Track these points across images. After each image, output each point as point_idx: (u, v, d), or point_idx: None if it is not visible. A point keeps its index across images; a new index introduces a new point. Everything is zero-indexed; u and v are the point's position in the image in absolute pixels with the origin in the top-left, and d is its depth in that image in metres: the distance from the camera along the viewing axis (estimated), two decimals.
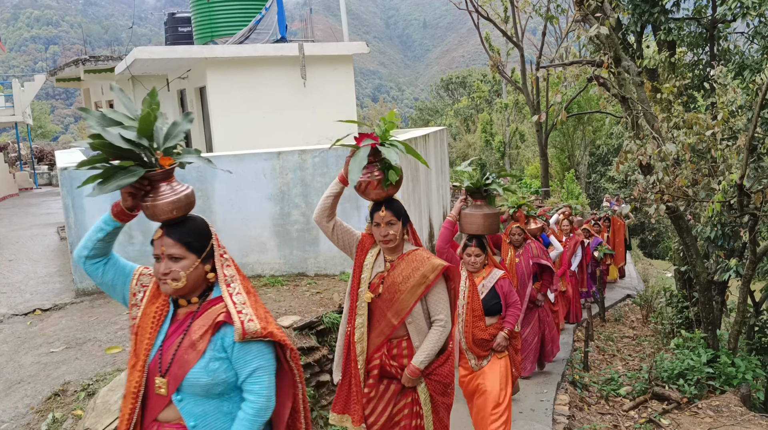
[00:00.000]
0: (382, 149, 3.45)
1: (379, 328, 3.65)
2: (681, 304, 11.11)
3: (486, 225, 4.71)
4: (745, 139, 6.96)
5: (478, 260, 5.01)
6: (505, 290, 5.08)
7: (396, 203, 3.61)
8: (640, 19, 11.60)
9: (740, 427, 6.54)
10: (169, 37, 15.25)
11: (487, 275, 5.07)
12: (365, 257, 3.71)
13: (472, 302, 4.97)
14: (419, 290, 3.55)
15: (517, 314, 5.18)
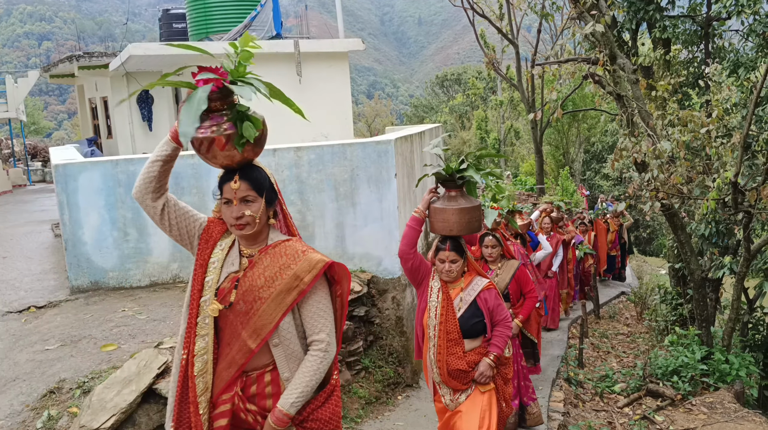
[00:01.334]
0: (235, 89, 2.48)
1: (230, 355, 2.59)
2: (675, 301, 11.15)
3: (463, 223, 3.88)
4: (740, 137, 6.99)
5: (454, 267, 4.04)
6: (490, 304, 4.10)
7: (256, 171, 2.60)
8: (636, 16, 11.62)
9: (734, 423, 6.57)
10: (163, 33, 15.20)
11: (466, 286, 4.09)
12: (212, 250, 2.69)
13: (446, 322, 3.98)
14: (289, 298, 2.55)
15: (507, 334, 4.19)
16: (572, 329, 10.81)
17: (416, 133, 8.95)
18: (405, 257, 4.13)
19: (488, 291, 4.13)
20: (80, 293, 6.77)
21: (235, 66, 2.52)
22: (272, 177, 2.67)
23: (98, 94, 16.05)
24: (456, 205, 3.88)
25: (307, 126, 11.40)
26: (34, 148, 27.04)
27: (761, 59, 9.98)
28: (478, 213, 3.99)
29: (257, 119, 2.55)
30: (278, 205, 2.73)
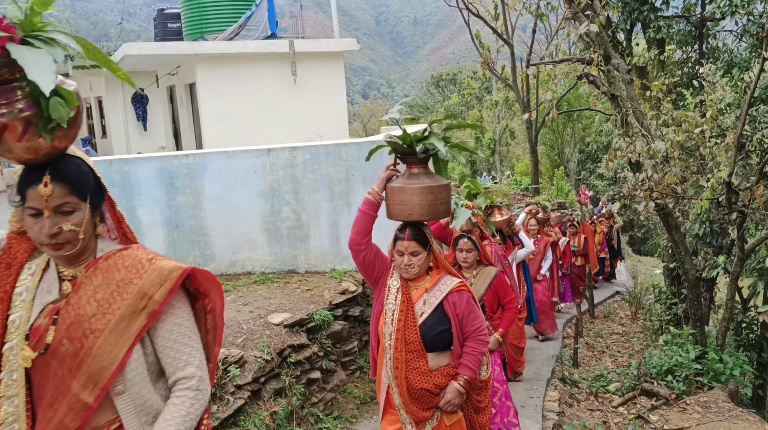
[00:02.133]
0: (18, 54, 1.66)
1: (55, 419, 1.83)
2: (670, 300, 11.18)
3: (425, 205, 3.20)
4: (734, 137, 7.00)
5: (415, 261, 3.31)
6: (460, 310, 3.34)
7: (74, 166, 1.89)
8: (630, 17, 11.64)
9: (728, 423, 6.59)
10: (158, 33, 15.18)
11: (432, 286, 3.36)
12: (16, 278, 1.98)
13: (404, 329, 3.28)
14: (135, 325, 1.86)
15: (481, 351, 3.42)
16: (567, 328, 10.83)
17: None
18: (355, 249, 3.42)
19: (458, 294, 3.36)
20: None
21: (26, 15, 1.75)
22: (95, 168, 1.97)
23: (93, 94, 16.02)
24: (417, 183, 3.20)
25: (302, 126, 11.42)
26: None
27: (755, 59, 10.01)
28: (445, 194, 3.26)
29: (69, 92, 1.79)
30: (107, 205, 2.05)
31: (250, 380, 4.87)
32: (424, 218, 3.26)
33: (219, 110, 11.09)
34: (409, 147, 3.25)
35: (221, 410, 4.63)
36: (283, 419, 4.95)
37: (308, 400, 5.47)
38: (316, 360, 5.72)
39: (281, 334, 5.48)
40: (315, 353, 5.70)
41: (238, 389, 4.83)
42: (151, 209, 6.97)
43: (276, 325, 5.54)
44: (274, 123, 11.30)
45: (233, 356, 4.96)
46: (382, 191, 3.35)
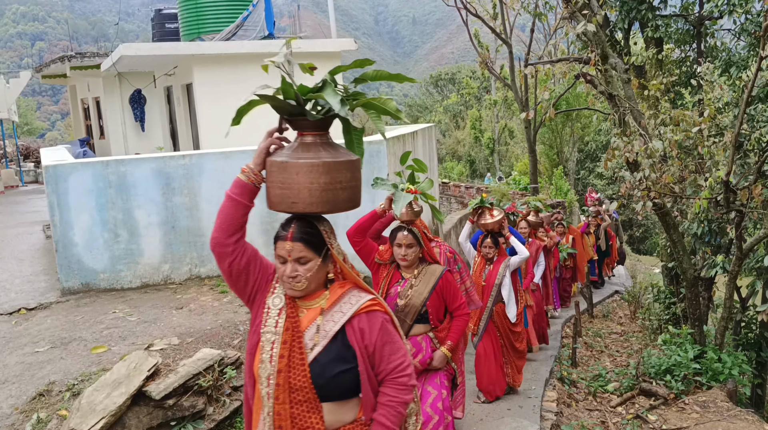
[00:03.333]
0: None
1: None
2: (668, 300, 11.17)
3: (318, 189, 2.27)
4: (732, 136, 6.99)
5: (303, 271, 2.35)
6: (371, 339, 2.38)
7: None
8: (628, 16, 11.64)
9: (726, 422, 6.57)
10: (156, 33, 15.16)
11: (330, 306, 2.41)
12: None
13: (288, 370, 2.30)
14: None
15: (404, 399, 2.42)
16: (566, 328, 10.82)
17: (409, 133, 8.94)
18: (218, 251, 2.41)
19: (368, 316, 2.40)
20: (71, 294, 6.73)
21: None
22: None
23: (90, 95, 16.00)
24: (307, 158, 2.28)
25: None
26: (27, 148, 26.94)
27: (753, 58, 10.00)
28: (349, 175, 2.33)
29: None
30: None
31: None
32: (316, 208, 2.29)
33: (216, 111, 11.05)
34: (298, 105, 2.34)
35: (217, 411, 4.63)
36: None
37: None
38: None
39: None
40: None
41: (234, 391, 4.82)
42: (148, 210, 6.95)
43: None
44: (272, 123, 11.26)
45: (230, 357, 4.96)
46: (260, 168, 2.43)
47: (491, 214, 6.39)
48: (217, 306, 6.19)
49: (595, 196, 17.71)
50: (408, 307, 4.21)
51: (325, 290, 2.45)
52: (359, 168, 2.41)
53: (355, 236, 4.35)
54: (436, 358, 4.28)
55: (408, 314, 4.22)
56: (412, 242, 4.19)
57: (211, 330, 5.43)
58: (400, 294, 4.26)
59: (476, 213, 6.43)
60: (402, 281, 4.29)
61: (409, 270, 4.30)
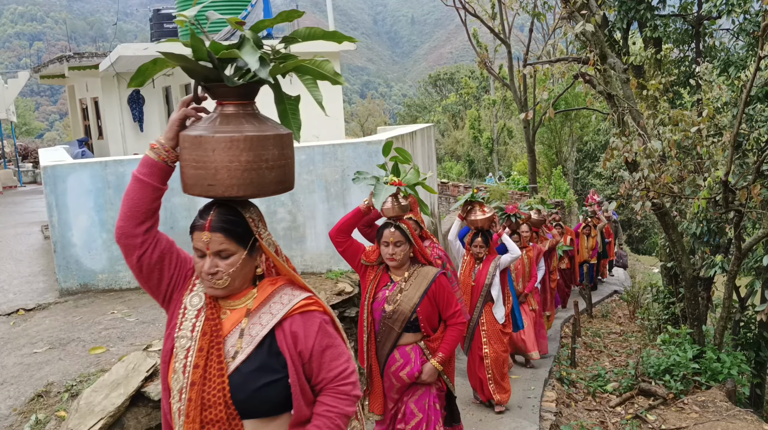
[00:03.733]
0: None
1: None
2: (667, 300, 11.17)
3: (239, 169, 1.91)
4: (730, 136, 7.00)
5: (225, 266, 2.01)
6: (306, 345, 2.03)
7: None
8: (627, 15, 11.65)
9: (725, 422, 6.58)
10: (154, 33, 15.14)
11: (258, 307, 2.07)
12: None
13: (203, 382, 1.96)
14: None
15: (344, 410, 2.06)
16: (565, 328, 10.82)
17: (407, 133, 8.93)
18: (126, 244, 2.06)
19: (303, 318, 2.03)
20: (69, 295, 6.72)
21: None
22: None
23: (89, 95, 15.98)
24: (229, 131, 1.91)
25: None
26: (25, 149, 26.91)
27: (751, 58, 10.00)
28: (277, 152, 1.96)
29: None
30: None
31: None
32: (237, 191, 1.91)
33: None
34: (213, 68, 1.93)
35: None
36: None
37: None
38: None
39: None
40: None
41: None
42: None
43: None
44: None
45: None
46: (171, 143, 2.04)
47: (482, 210, 6.04)
48: None
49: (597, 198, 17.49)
50: (396, 313, 3.84)
51: (252, 288, 2.10)
52: (291, 144, 2.07)
53: (338, 237, 4.02)
54: (425, 371, 3.89)
55: (396, 321, 3.85)
56: (401, 239, 3.81)
57: None
58: (388, 299, 3.88)
59: (466, 209, 6.12)
60: (391, 285, 3.92)
61: (399, 272, 3.93)
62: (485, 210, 6.03)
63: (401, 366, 3.92)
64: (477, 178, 34.49)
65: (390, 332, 3.89)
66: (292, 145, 2.09)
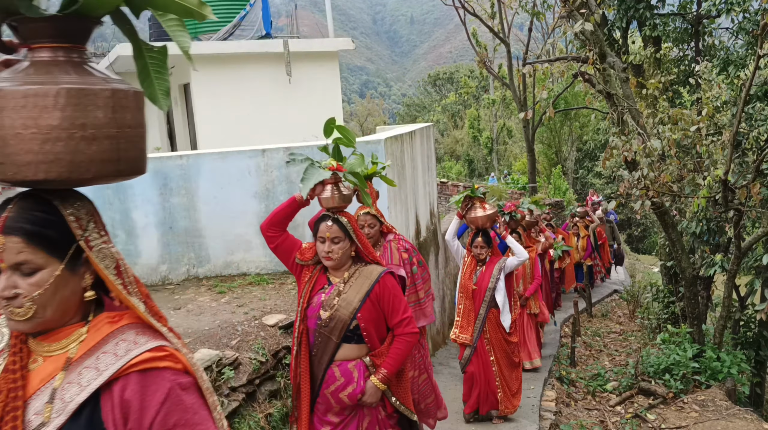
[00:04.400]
0: None
1: None
2: (667, 299, 11.17)
3: (43, 137, 1.26)
4: (730, 135, 6.99)
5: (27, 288, 1.34)
6: (141, 426, 1.33)
7: None
8: (626, 14, 11.64)
9: (725, 421, 6.57)
10: (153, 33, 15.10)
11: (83, 355, 1.38)
12: None
13: None
14: None
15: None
16: (565, 327, 10.81)
17: (406, 133, 8.93)
18: None
19: (146, 379, 1.36)
20: None
21: None
22: None
23: None
24: (34, 83, 1.29)
25: (297, 126, 11.39)
26: None
27: (751, 57, 9.99)
28: (114, 116, 1.35)
29: None
30: None
31: (244, 382, 4.84)
32: (38, 172, 1.28)
33: (213, 110, 11.05)
34: None
35: None
36: (278, 420, 4.92)
37: None
38: None
39: (276, 335, 5.45)
40: None
41: (232, 391, 4.80)
42: (145, 211, 6.93)
43: (271, 326, 5.51)
44: (269, 123, 11.26)
45: (228, 358, 4.94)
46: None
47: (482, 207, 5.56)
48: (215, 307, 6.17)
49: (596, 199, 17.30)
50: (333, 320, 3.28)
51: (82, 325, 1.44)
52: (137, 108, 1.43)
53: (269, 231, 3.52)
54: (366, 391, 3.28)
55: (334, 330, 3.28)
56: (339, 235, 3.27)
57: (208, 331, 5.41)
58: (324, 304, 3.32)
59: (465, 206, 5.69)
60: (328, 287, 3.38)
61: (338, 272, 3.39)
62: (486, 207, 5.58)
63: (341, 386, 3.30)
64: (477, 178, 34.48)
65: (327, 344, 3.31)
66: (141, 109, 1.45)
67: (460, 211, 5.79)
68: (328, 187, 3.32)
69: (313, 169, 3.19)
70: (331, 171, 3.28)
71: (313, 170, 3.18)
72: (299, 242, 3.60)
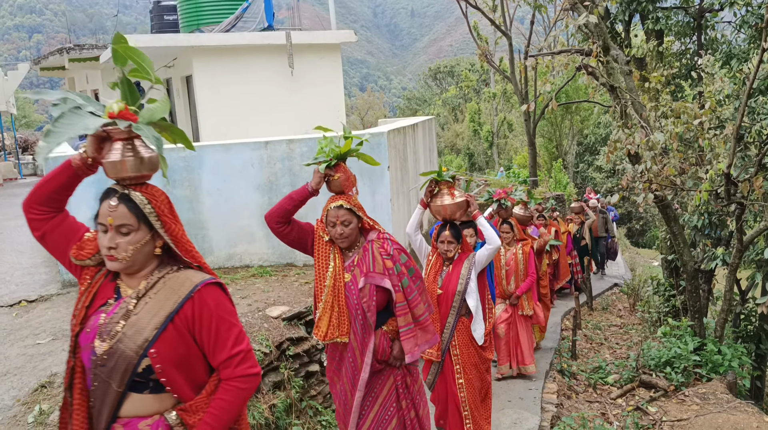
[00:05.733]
0: None
1: None
2: (668, 292, 11.19)
3: None
4: (733, 128, 6.99)
5: None
6: None
7: None
8: (629, 8, 11.63)
9: (726, 414, 6.59)
10: (154, 25, 15.11)
11: None
12: None
13: None
14: None
15: None
16: (565, 320, 10.83)
17: (409, 126, 8.93)
18: None
19: None
20: (71, 286, 6.73)
21: None
22: None
23: (89, 87, 15.96)
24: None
25: (300, 118, 11.38)
26: (25, 141, 26.88)
27: (754, 50, 10.00)
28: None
29: None
30: None
31: None
32: None
33: (216, 103, 11.05)
34: None
35: None
36: (282, 412, 4.94)
37: (307, 393, 5.46)
38: (315, 353, 5.70)
39: (279, 327, 5.47)
40: (314, 346, 5.68)
41: None
42: None
43: (274, 318, 5.52)
44: (271, 115, 11.27)
45: None
46: None
47: (451, 193, 4.57)
48: None
49: (595, 196, 16.92)
50: (113, 357, 2.10)
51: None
52: None
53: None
54: None
55: (114, 373, 2.10)
56: (127, 221, 2.16)
57: None
58: (102, 329, 2.14)
59: (430, 192, 4.62)
60: (114, 303, 2.22)
61: (132, 280, 2.24)
62: (455, 194, 4.57)
63: None
64: (477, 172, 34.47)
65: (106, 392, 2.14)
66: None
67: (423, 199, 4.68)
68: (115, 145, 2.18)
69: (73, 115, 2.04)
70: (112, 119, 2.08)
71: (74, 117, 2.03)
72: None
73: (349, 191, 3.58)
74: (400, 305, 3.49)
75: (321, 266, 3.57)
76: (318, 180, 3.57)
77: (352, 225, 3.52)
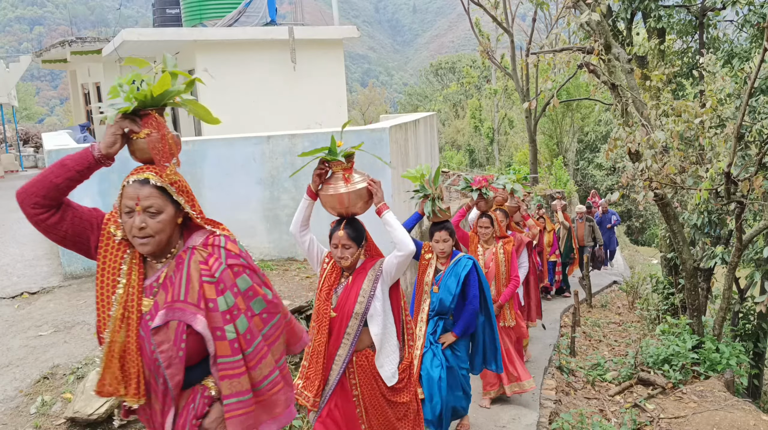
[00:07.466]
0: None
1: None
2: (667, 290, 11.22)
3: None
4: (733, 128, 7.01)
5: None
6: None
7: None
8: (630, 6, 11.63)
9: (724, 412, 6.63)
10: (156, 19, 15.10)
11: None
12: None
13: None
14: None
15: None
16: (564, 317, 10.86)
17: (411, 122, 8.94)
18: None
19: None
20: (73, 279, 6.76)
21: None
22: None
23: (91, 80, 15.96)
24: None
25: (302, 113, 11.40)
26: (26, 133, 26.86)
27: (755, 50, 10.00)
28: None
29: None
30: None
31: None
32: None
33: (218, 97, 11.06)
34: None
35: None
36: None
37: None
38: None
39: None
40: None
41: None
42: None
43: None
44: (274, 110, 11.28)
45: None
46: None
47: (346, 178, 3.45)
48: None
49: (600, 200, 16.61)
50: None
51: None
52: None
53: None
54: None
55: None
56: None
57: None
58: None
59: (319, 176, 3.51)
60: None
61: None
62: (352, 178, 3.46)
63: None
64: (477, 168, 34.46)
65: None
66: None
67: (311, 186, 3.61)
68: None
69: None
70: None
71: None
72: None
73: (165, 161, 2.28)
74: (225, 362, 2.19)
75: (106, 282, 2.25)
76: (112, 140, 2.24)
77: (163, 216, 2.22)
